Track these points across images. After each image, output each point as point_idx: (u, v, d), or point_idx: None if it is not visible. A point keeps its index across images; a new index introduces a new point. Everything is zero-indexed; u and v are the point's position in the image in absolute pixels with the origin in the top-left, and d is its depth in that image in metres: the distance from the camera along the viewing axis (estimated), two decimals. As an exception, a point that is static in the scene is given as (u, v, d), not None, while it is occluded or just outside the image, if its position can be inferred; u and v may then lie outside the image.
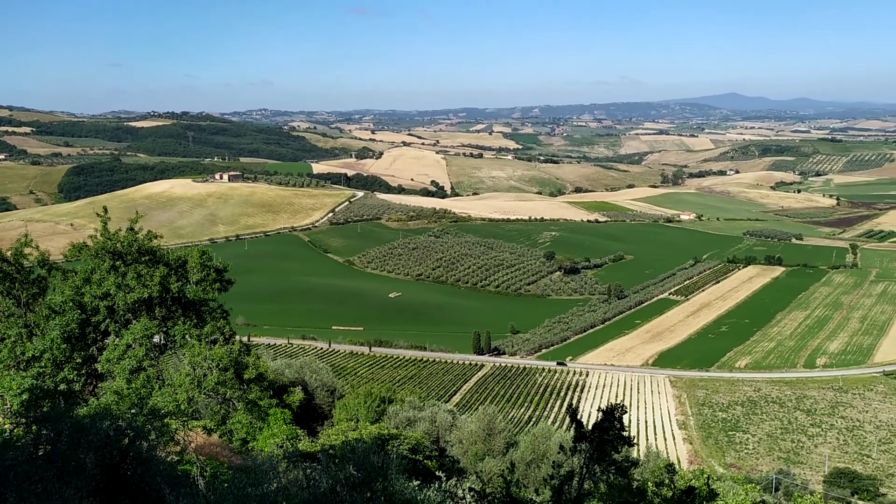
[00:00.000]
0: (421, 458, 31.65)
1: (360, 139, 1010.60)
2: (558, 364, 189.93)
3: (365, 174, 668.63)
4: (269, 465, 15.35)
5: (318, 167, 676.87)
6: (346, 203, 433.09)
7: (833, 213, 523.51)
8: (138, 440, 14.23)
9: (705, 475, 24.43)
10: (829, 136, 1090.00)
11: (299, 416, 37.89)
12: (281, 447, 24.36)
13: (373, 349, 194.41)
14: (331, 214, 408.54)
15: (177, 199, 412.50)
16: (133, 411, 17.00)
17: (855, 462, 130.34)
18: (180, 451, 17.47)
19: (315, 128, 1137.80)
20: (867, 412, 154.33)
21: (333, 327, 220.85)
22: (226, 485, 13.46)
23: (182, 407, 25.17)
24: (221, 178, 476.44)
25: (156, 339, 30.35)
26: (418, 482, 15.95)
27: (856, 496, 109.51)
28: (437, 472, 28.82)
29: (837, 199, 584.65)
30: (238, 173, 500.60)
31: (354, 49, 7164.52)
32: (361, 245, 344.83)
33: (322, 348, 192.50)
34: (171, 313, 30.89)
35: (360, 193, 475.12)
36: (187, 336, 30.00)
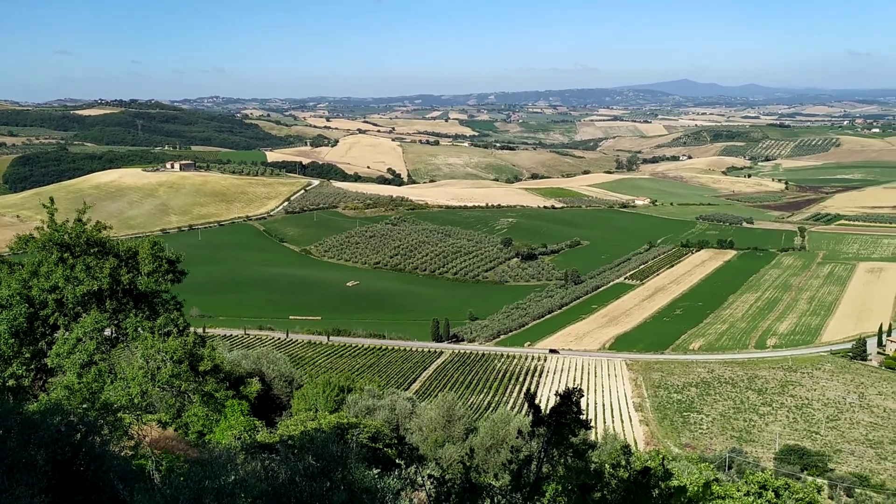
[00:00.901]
0: (381, 447, 31.64)
1: (315, 127, 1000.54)
2: (551, 352, 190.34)
3: (320, 162, 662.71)
4: (227, 458, 15.18)
5: (273, 155, 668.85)
6: (302, 191, 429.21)
7: (782, 197, 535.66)
8: (91, 435, 13.94)
9: (661, 456, 24.87)
10: (778, 122, 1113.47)
11: (257, 408, 37.52)
12: (238, 439, 24.10)
13: (331, 338, 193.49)
14: (286, 203, 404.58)
15: (126, 188, 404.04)
16: (85, 406, 16.65)
17: (804, 439, 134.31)
18: (134, 446, 17.17)
19: (269, 115, 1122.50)
20: (815, 390, 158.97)
21: (291, 317, 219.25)
22: (182, 478, 13.24)
23: (135, 401, 24.75)
24: (173, 167, 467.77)
25: (107, 332, 29.75)
26: (378, 470, 15.94)
27: (805, 472, 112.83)
28: (396, 460, 28.88)
29: (786, 183, 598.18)
30: (190, 162, 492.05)
31: (307, 35, 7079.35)
32: (318, 234, 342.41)
33: (279, 338, 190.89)
34: (122, 306, 30.30)
35: (316, 182, 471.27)
36: (140, 328, 29.46)
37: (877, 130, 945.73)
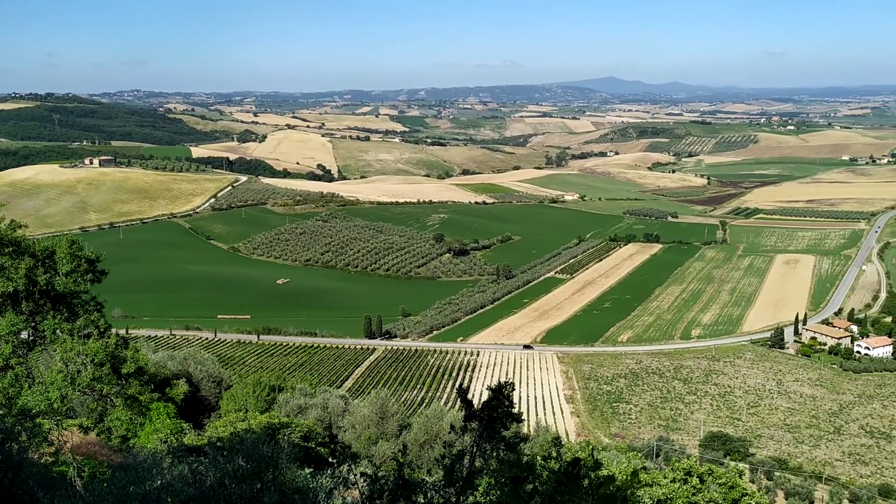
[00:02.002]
0: (313, 446, 31.29)
1: (242, 122, 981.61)
2: (524, 348, 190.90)
3: (248, 158, 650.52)
4: (152, 462, 14.74)
5: (198, 151, 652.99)
6: (229, 188, 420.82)
7: (704, 191, 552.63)
8: (8, 442, 13.40)
9: (590, 446, 25.34)
10: (700, 119, 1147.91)
11: (184, 410, 36.67)
12: (165, 442, 23.47)
13: (261, 337, 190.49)
14: (213, 200, 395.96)
15: (43, 185, 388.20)
16: (1, 412, 15.97)
17: (727, 426, 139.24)
18: (54, 452, 16.59)
19: (193, 110, 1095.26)
20: (737, 378, 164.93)
21: (219, 316, 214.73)
22: (105, 485, 12.85)
23: (55, 406, 23.85)
24: (92, 162, 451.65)
25: (23, 335, 28.54)
26: (311, 470, 15.76)
27: (728, 457, 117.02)
28: (329, 459, 28.64)
29: (708, 178, 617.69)
30: (110, 158, 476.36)
31: (232, 28, 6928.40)
32: (246, 231, 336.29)
33: (207, 338, 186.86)
34: (39, 307, 29.10)
35: (244, 178, 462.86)
36: (58, 331, 28.37)
37: (791, 128, 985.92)
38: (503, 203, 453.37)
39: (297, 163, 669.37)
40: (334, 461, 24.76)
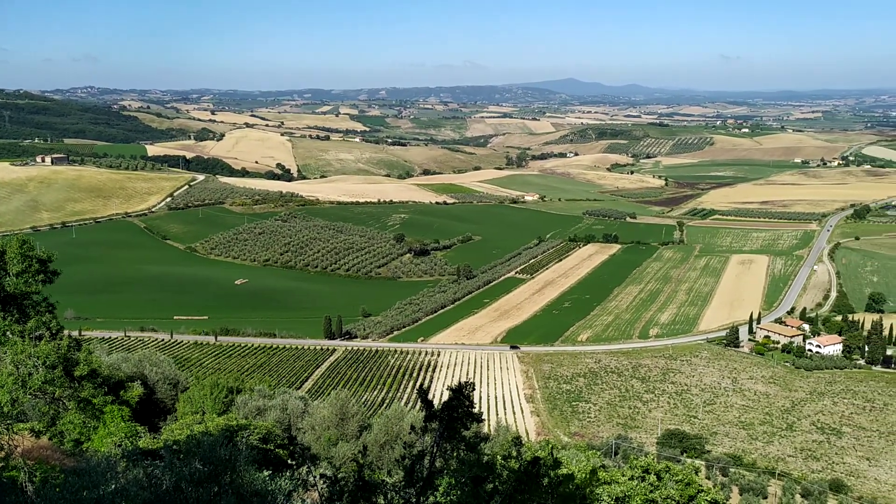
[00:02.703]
0: (272, 448, 30.96)
1: (200, 120, 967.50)
2: (511, 347, 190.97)
3: (206, 157, 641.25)
4: (106, 466, 14.46)
5: (154, 149, 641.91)
6: (186, 187, 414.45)
7: (662, 192, 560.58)
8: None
9: (550, 445, 25.51)
10: (658, 121, 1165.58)
11: (139, 413, 36.03)
12: (119, 446, 23.06)
13: (219, 338, 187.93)
14: (169, 199, 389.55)
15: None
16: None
17: (684, 423, 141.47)
18: (5, 457, 16.20)
19: (149, 107, 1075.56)
20: (693, 377, 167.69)
21: (175, 317, 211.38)
22: (57, 489, 12.57)
23: (5, 409, 23.23)
24: (44, 160, 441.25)
25: (-29, 337, 27.70)
26: (269, 472, 15.59)
27: (685, 454, 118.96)
28: (289, 461, 28.37)
29: (666, 179, 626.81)
30: (63, 156, 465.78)
31: (189, 24, 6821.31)
32: (204, 231, 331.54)
33: (163, 340, 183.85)
34: (-12, 309, 28.29)
35: (201, 177, 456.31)
36: (8, 332, 27.62)
37: (746, 130, 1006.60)
38: (464, 203, 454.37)
39: (256, 162, 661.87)
40: (294, 463, 24.54)
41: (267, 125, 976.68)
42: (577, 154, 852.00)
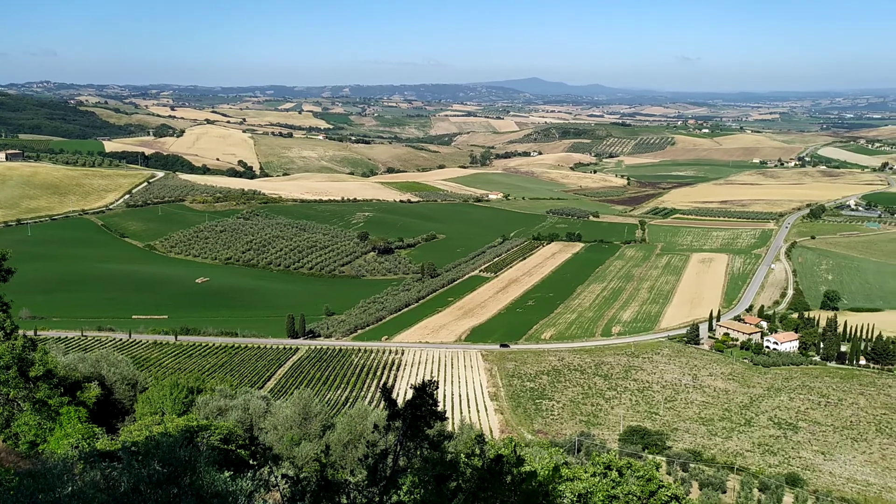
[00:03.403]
0: (233, 448, 30.60)
1: (159, 116, 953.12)
2: (501, 346, 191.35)
3: (165, 153, 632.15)
4: (63, 468, 14.14)
5: (112, 145, 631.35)
6: (145, 184, 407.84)
7: (624, 192, 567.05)
8: None
9: (513, 443, 25.65)
10: (620, 121, 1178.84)
11: (97, 414, 35.36)
12: (76, 448, 22.60)
13: (179, 338, 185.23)
14: (127, 196, 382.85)
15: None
16: None
17: (645, 420, 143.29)
18: (-46, 461, 15.70)
19: (107, 103, 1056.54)
20: (655, 374, 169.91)
21: (134, 317, 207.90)
22: (11, 492, 12.25)
23: (-45, 412, 22.61)
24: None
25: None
26: (230, 473, 15.39)
27: (646, 450, 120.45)
28: (250, 461, 28.07)
29: (628, 179, 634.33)
30: (17, 152, 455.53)
31: (148, 18, 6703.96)
32: (163, 228, 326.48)
33: (122, 339, 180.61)
34: (-62, 308, 27.55)
35: (161, 174, 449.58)
36: (-41, 333, 26.91)
37: (706, 131, 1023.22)
38: (428, 202, 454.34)
39: (218, 159, 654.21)
40: (255, 463, 24.31)
41: (228, 122, 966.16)
42: (540, 153, 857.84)
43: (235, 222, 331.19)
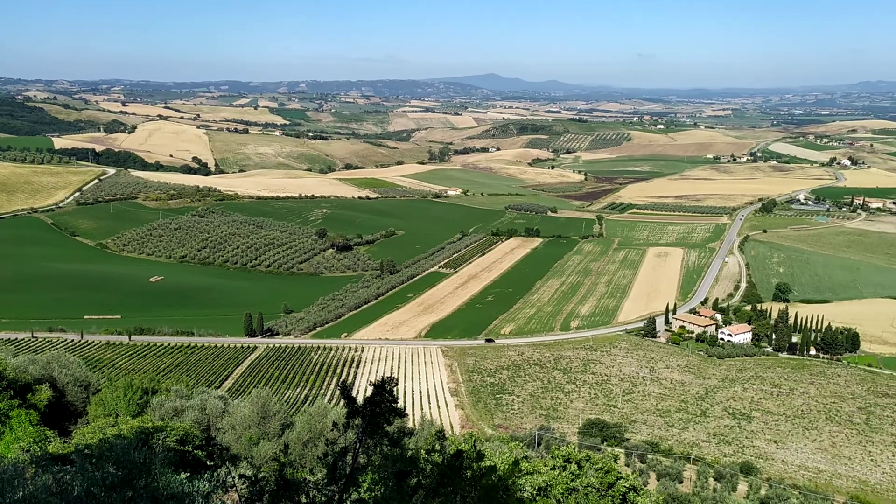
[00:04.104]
0: (190, 449, 30.15)
1: (110, 111, 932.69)
2: (486, 341, 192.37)
3: (117, 150, 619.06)
4: (13, 473, 13.78)
5: (61, 142, 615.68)
6: (96, 181, 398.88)
7: (582, 187, 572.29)
8: None
9: (473, 438, 25.72)
10: (577, 117, 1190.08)
11: (48, 417, 34.57)
12: (27, 451, 22.02)
13: (133, 338, 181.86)
14: (78, 194, 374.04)
15: None
16: None
17: (604, 413, 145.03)
18: None
19: (55, 98, 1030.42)
20: (613, 367, 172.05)
21: (86, 317, 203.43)
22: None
23: None
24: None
25: None
26: (187, 474, 15.16)
27: (605, 443, 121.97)
28: (207, 462, 27.69)
29: (585, 174, 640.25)
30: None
31: (96, 10, 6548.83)
32: (116, 226, 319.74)
33: (73, 340, 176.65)
34: None
35: (112, 171, 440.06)
36: None
37: (661, 127, 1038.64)
38: (387, 198, 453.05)
39: (171, 155, 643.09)
40: (213, 464, 23.97)
41: (182, 117, 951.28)
42: (498, 149, 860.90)
43: (190, 220, 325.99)
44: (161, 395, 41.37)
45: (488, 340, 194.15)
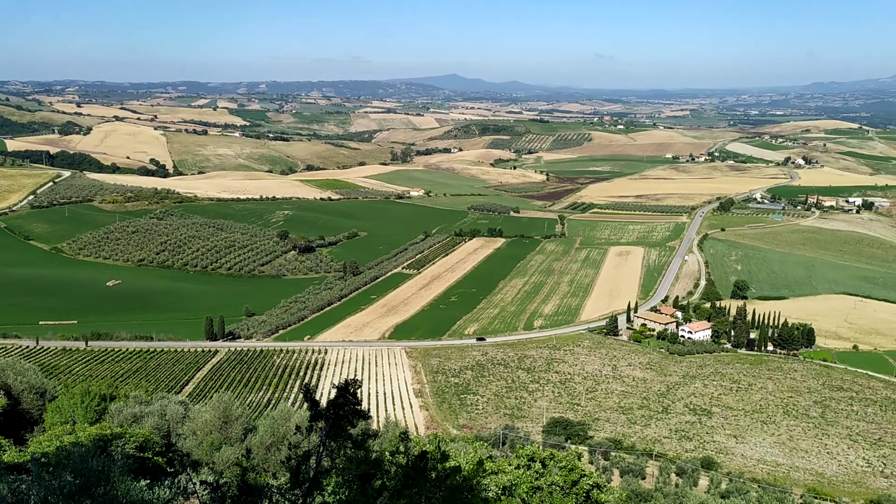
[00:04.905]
0: (150, 456, 29.63)
1: (65, 113, 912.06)
2: (477, 339, 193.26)
3: (72, 152, 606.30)
4: (-36, 485, 13.40)
5: (14, 144, 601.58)
6: (51, 184, 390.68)
7: (544, 187, 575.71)
8: None
9: (438, 439, 25.73)
10: (539, 118, 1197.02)
11: (3, 425, 33.76)
12: (-21, 462, 21.38)
13: (90, 343, 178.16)
14: (32, 197, 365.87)
15: None
16: None
17: (568, 411, 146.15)
18: None
19: (7, 99, 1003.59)
20: (576, 365, 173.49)
21: (41, 322, 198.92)
22: None
23: None
24: None
25: None
26: (147, 481, 14.90)
27: (569, 441, 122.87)
28: (168, 469, 27.25)
29: (547, 174, 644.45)
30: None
31: (53, 10, 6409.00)
32: (71, 230, 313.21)
33: (28, 346, 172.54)
34: None
35: (67, 173, 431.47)
36: None
37: (621, 127, 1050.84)
38: (349, 199, 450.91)
39: (128, 157, 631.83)
40: (173, 470, 23.62)
41: (139, 118, 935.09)
42: (461, 149, 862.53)
43: (148, 222, 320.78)
44: (119, 401, 40.59)
45: (479, 339, 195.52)
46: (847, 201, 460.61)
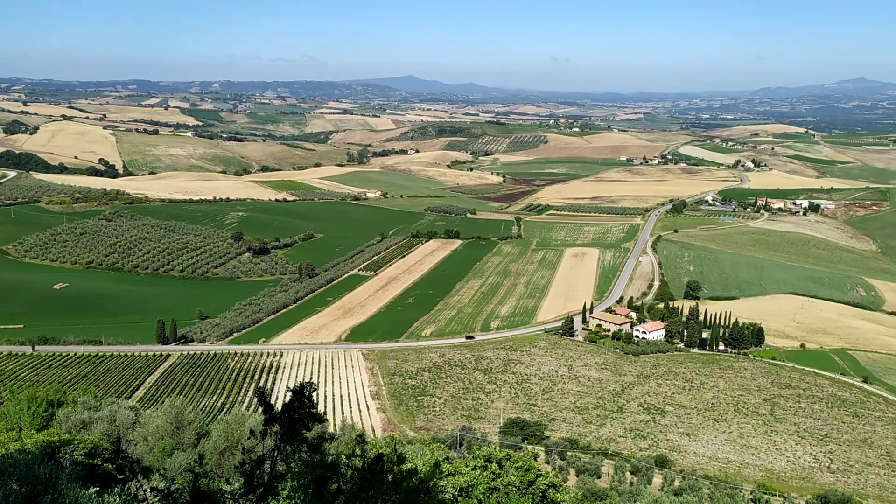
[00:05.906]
0: (100, 462, 28.93)
1: (10, 111, 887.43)
2: (467, 338, 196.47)
3: (17, 152, 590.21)
4: None
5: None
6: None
7: (500, 189, 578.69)
8: None
9: (394, 441, 25.62)
10: (495, 120, 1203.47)
11: (-57, 433, 32.47)
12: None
13: (37, 348, 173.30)
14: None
15: None
16: None
17: (524, 411, 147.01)
18: None
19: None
20: (533, 366, 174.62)
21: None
22: None
23: None
24: None
25: None
26: (96, 489, 14.55)
27: (525, 441, 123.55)
28: (118, 475, 26.63)
29: (504, 176, 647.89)
30: None
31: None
32: (17, 232, 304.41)
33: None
34: None
35: (13, 173, 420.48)
36: None
37: (577, 129, 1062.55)
38: (305, 200, 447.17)
39: (76, 157, 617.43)
40: (123, 477, 23.08)
41: (87, 118, 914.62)
42: (418, 151, 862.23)
43: (97, 224, 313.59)
44: (67, 407, 39.59)
45: (468, 337, 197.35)
46: (794, 203, 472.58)
